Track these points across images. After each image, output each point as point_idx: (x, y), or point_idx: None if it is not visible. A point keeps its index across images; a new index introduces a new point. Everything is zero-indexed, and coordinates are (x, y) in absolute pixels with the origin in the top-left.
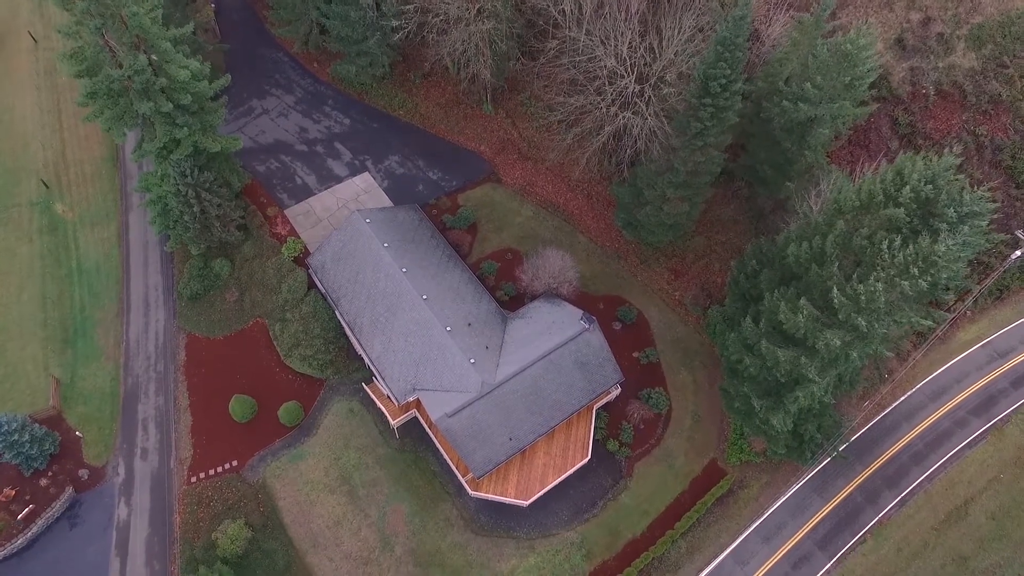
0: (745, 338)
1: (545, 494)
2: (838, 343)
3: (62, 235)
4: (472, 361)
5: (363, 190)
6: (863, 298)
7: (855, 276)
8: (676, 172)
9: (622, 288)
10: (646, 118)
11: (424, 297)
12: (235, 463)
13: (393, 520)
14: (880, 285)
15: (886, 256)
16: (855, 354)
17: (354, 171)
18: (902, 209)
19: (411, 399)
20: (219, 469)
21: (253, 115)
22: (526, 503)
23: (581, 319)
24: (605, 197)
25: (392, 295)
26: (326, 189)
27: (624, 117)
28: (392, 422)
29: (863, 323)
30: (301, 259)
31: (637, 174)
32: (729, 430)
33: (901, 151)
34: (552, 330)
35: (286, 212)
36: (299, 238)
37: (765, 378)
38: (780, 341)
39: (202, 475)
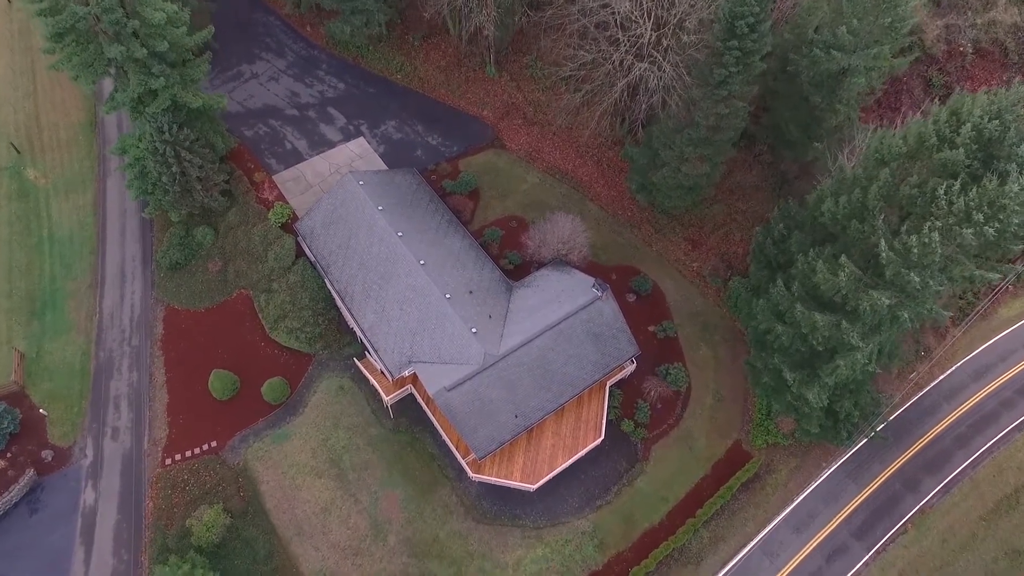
0: (775, 304)
1: (554, 478)
2: (886, 303)
3: (33, 202)
4: (474, 331)
5: (357, 155)
6: (915, 251)
7: (903, 229)
8: (696, 127)
9: (635, 259)
10: (663, 69)
11: (421, 262)
12: (214, 444)
13: (386, 506)
14: (936, 236)
15: (942, 203)
16: (905, 315)
17: (348, 136)
18: (961, 150)
19: (407, 373)
20: (196, 451)
21: (242, 79)
22: (533, 487)
23: (593, 286)
24: (617, 163)
25: (387, 261)
26: (318, 154)
27: (640, 69)
28: (386, 399)
29: (916, 279)
30: (289, 225)
31: (652, 133)
32: (754, 410)
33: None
34: (561, 298)
35: (274, 178)
36: (287, 204)
37: (798, 348)
38: (815, 307)
39: (178, 457)
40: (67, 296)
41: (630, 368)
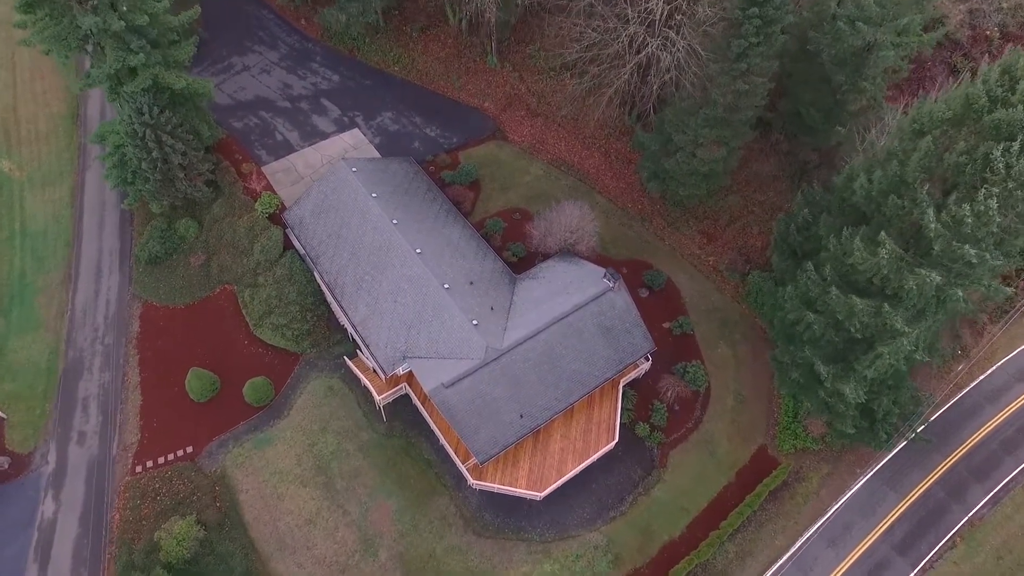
0: (805, 292)
1: (563, 487)
2: (936, 280)
3: (7, 194)
4: (475, 323)
5: (352, 146)
6: (969, 222)
7: (952, 200)
8: (713, 106)
9: (647, 252)
10: (676, 45)
11: (418, 251)
12: (190, 449)
13: (377, 518)
14: (993, 203)
15: (999, 167)
16: (959, 293)
17: (342, 128)
18: (1020, 108)
19: (401, 371)
20: (170, 457)
21: (232, 71)
22: (540, 495)
23: (604, 277)
24: (625, 154)
25: (380, 250)
26: (310, 145)
27: (652, 46)
28: (378, 399)
29: (971, 252)
30: (278, 216)
31: (665, 117)
32: (780, 412)
33: None
34: (570, 290)
35: (263, 169)
36: (275, 194)
37: (831, 339)
38: (851, 292)
39: (149, 464)
40: (37, 292)
41: (645, 366)
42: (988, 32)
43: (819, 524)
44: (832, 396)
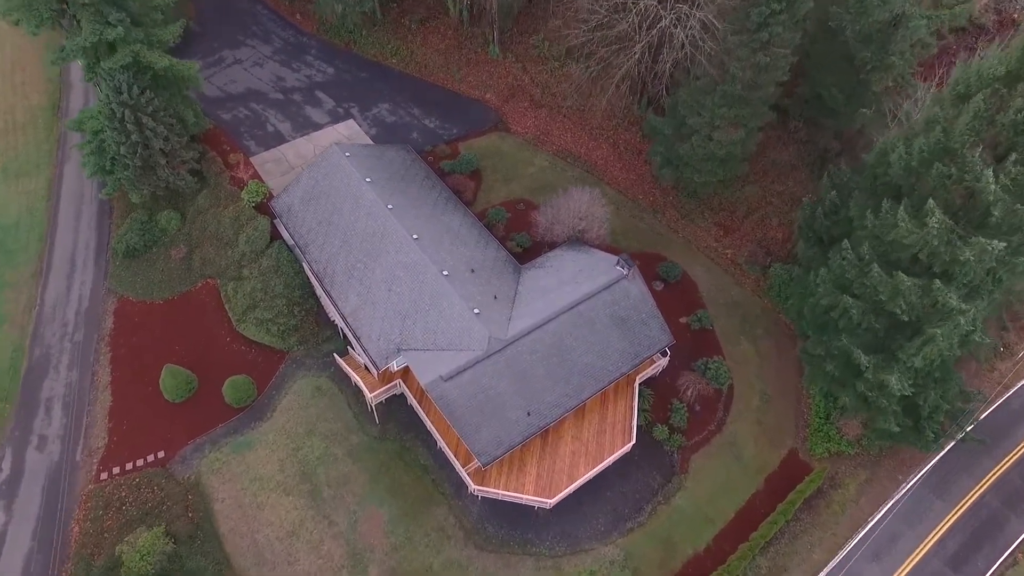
0: (840, 274)
1: (574, 496)
2: (1000, 247)
3: None
4: (476, 311)
5: (346, 137)
6: None
7: (1011, 160)
8: (731, 82)
9: (660, 245)
10: (690, 18)
11: (415, 237)
12: (161, 454)
13: (368, 529)
14: None
15: None
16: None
17: (337, 119)
18: None
19: (395, 366)
20: (139, 462)
21: (224, 65)
22: (550, 502)
23: (617, 264)
24: (634, 144)
25: (374, 236)
26: (302, 136)
27: (665, 21)
28: (369, 397)
29: None
30: (265, 206)
31: (679, 99)
32: (810, 412)
33: None
34: (579, 278)
35: (252, 159)
36: (263, 183)
37: (871, 325)
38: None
39: (116, 470)
40: (4, 286)
41: (662, 362)
42: (1015, 16)
43: (860, 535)
44: (873, 389)
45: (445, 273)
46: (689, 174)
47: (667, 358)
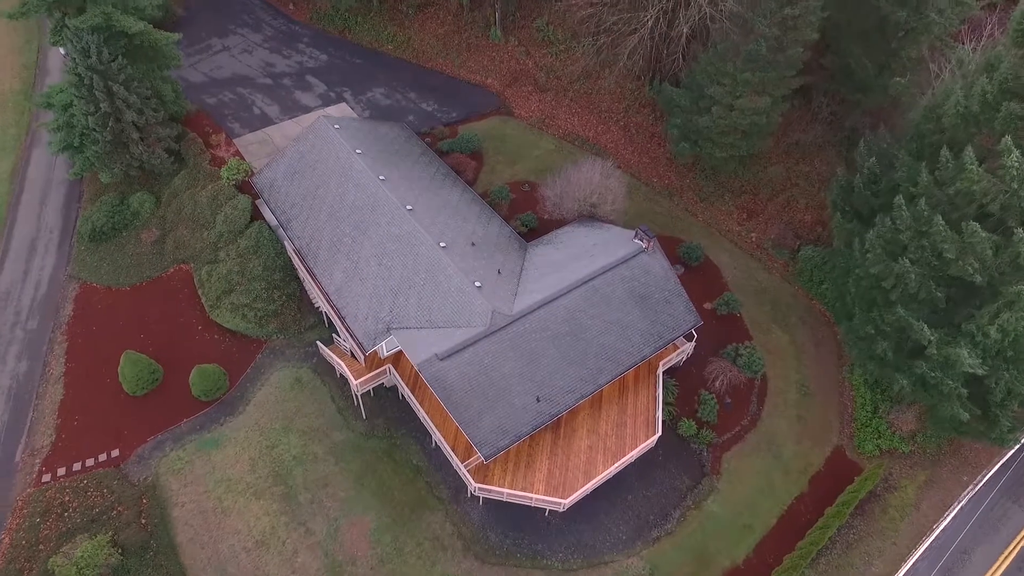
0: (891, 237)
1: (591, 499)
2: None
3: None
4: (477, 284)
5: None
6: None
7: None
8: (757, 43)
9: (678, 229)
10: None
11: (408, 208)
12: (115, 453)
13: (350, 539)
14: None
15: None
16: None
17: (328, 102)
18: None
19: (384, 350)
20: (89, 462)
21: (211, 52)
22: (565, 502)
23: (635, 237)
24: (647, 127)
25: (364, 208)
26: (290, 119)
27: None
28: (354, 384)
29: None
30: (247, 186)
31: (697, 67)
32: (854, 405)
33: None
34: (594, 252)
35: (236, 141)
36: (244, 160)
37: (930, 294)
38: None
39: (61, 471)
40: None
41: (687, 347)
42: None
43: (926, 545)
44: (936, 369)
45: (442, 245)
46: (709, 149)
47: (693, 343)
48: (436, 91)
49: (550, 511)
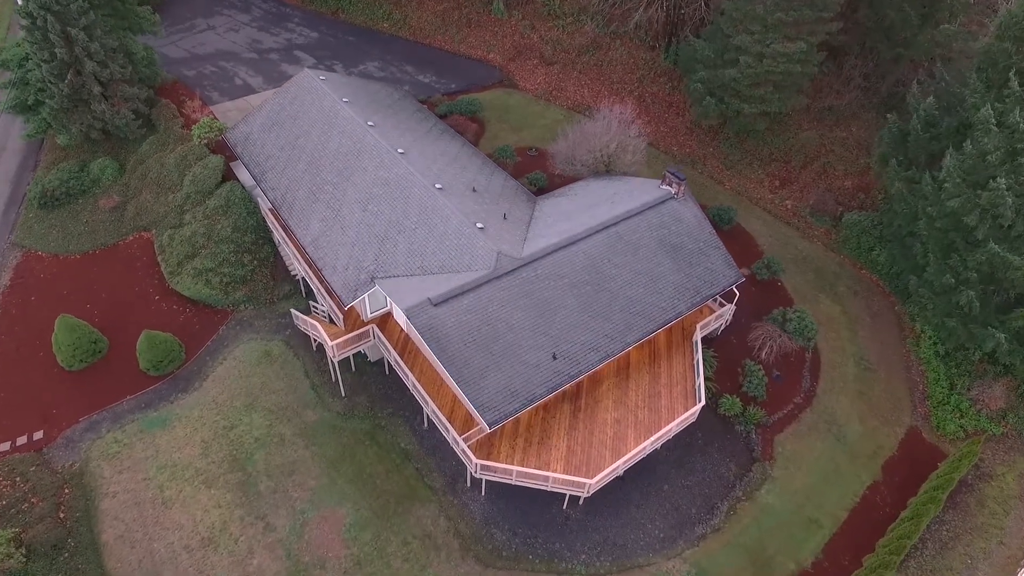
0: (976, 163)
1: (620, 490)
2: None
3: None
4: (480, 226)
5: None
6: None
7: None
8: None
9: (705, 196)
10: None
11: (400, 151)
12: (39, 435)
13: (320, 536)
14: None
15: None
16: None
17: None
18: None
19: (369, 311)
20: (5, 446)
21: (195, 31)
22: (589, 483)
23: (663, 183)
24: (663, 97)
25: (349, 154)
26: (274, 89)
27: None
28: (330, 348)
29: None
30: (221, 145)
31: (722, 17)
32: (926, 381)
33: None
34: (615, 200)
35: (213, 108)
36: (218, 120)
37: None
38: None
39: None
40: None
41: (727, 311)
42: None
43: None
44: None
45: (438, 187)
46: (736, 105)
47: (733, 307)
48: (434, 64)
49: (568, 502)
